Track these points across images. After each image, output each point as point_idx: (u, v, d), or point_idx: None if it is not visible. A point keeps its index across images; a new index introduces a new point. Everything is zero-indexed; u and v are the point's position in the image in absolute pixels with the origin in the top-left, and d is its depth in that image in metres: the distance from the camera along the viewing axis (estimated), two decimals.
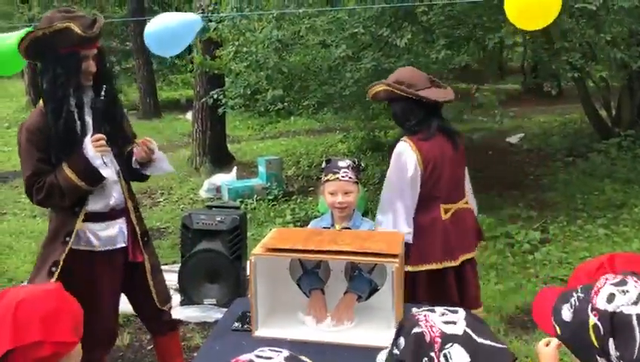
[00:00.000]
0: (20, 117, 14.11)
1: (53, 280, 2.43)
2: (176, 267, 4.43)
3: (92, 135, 2.47)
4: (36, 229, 5.89)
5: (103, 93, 2.49)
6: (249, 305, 2.44)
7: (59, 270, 2.48)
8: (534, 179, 7.12)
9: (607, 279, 1.29)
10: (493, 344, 1.16)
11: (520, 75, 16.04)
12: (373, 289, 2.36)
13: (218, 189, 6.97)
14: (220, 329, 2.37)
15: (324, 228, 2.59)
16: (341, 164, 2.51)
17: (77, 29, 2.34)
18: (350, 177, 2.48)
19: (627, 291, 1.23)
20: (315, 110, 6.78)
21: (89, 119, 2.50)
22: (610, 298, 1.24)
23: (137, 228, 2.68)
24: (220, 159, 8.25)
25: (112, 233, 2.60)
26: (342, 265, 2.42)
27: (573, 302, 1.32)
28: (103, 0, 14.62)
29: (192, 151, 8.37)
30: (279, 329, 2.26)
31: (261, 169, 7.09)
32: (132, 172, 2.70)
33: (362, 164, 2.58)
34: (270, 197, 6.80)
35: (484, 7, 4.94)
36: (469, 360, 1.11)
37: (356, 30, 5.11)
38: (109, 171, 2.50)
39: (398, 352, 1.18)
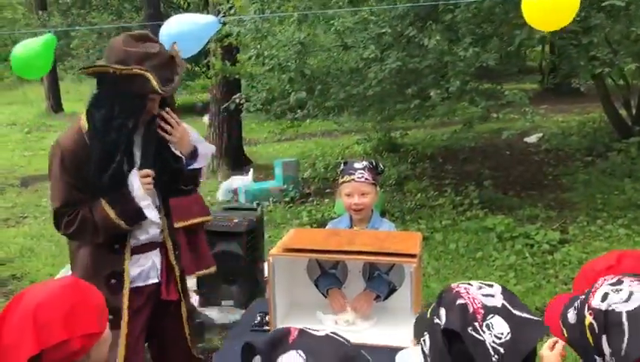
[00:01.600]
0: (40, 122, 14.36)
1: (115, 330, 1.97)
2: None
3: (139, 168, 2.14)
4: (56, 233, 5.94)
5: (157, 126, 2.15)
6: (267, 305, 2.45)
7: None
8: (553, 179, 7.05)
9: (605, 279, 1.33)
10: (529, 316, 1.23)
11: (538, 74, 15.90)
12: (392, 290, 2.36)
13: (235, 192, 7.01)
14: (239, 329, 2.39)
15: None
16: (357, 165, 2.51)
17: (153, 82, 1.97)
18: (366, 178, 2.48)
19: (621, 290, 1.28)
20: (336, 112, 6.81)
21: (137, 152, 2.16)
22: (604, 297, 1.29)
23: (176, 266, 2.32)
24: (237, 162, 8.29)
25: (145, 267, 2.25)
26: (359, 265, 2.42)
27: (576, 305, 1.37)
28: (120, 6, 14.78)
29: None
30: None
31: (277, 171, 7.11)
32: (181, 173, 2.27)
33: (381, 166, 2.56)
34: (287, 199, 6.82)
35: (512, 2, 4.90)
36: (509, 330, 1.18)
37: (383, 30, 5.10)
38: (154, 213, 2.18)
39: (440, 322, 1.24)
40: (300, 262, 2.42)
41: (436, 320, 1.25)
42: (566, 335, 1.37)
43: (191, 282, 4.38)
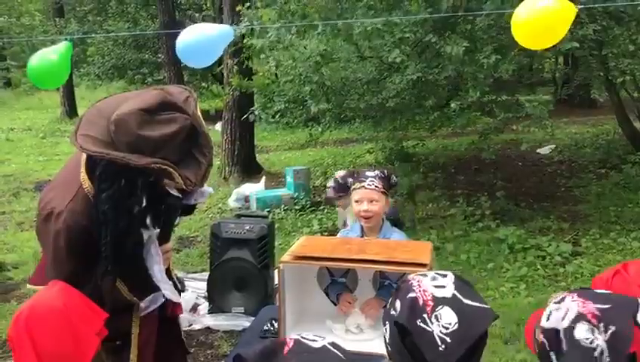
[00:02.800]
0: (55, 127, 14.53)
1: None
2: (205, 275, 4.48)
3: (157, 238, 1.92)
4: None
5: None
6: (277, 312, 2.46)
7: None
8: (566, 191, 7.00)
9: (552, 298, 1.40)
10: (478, 304, 1.29)
11: (550, 85, 15.83)
12: None
13: (246, 199, 7.03)
14: (248, 336, 2.40)
15: None
16: (369, 173, 2.52)
17: (177, 179, 1.70)
18: (376, 186, 2.48)
19: (560, 308, 1.33)
20: (351, 122, 6.87)
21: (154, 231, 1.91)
22: (549, 316, 1.34)
23: (175, 278, 2.21)
24: (249, 169, 8.33)
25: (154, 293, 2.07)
26: (370, 274, 2.42)
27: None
28: (136, 13, 14.96)
29: (221, 161, 8.47)
30: None
31: (289, 179, 7.13)
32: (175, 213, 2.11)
33: (394, 178, 2.57)
34: (297, 207, 6.83)
35: None
36: (457, 319, 1.24)
37: (407, 35, 5.11)
38: (175, 296, 2.02)
39: (395, 313, 1.30)
40: (310, 270, 2.43)
41: (392, 312, 1.33)
42: (536, 349, 1.41)
43: (201, 289, 4.41)
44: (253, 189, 7.11)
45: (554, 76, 15.29)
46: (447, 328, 1.23)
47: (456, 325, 1.23)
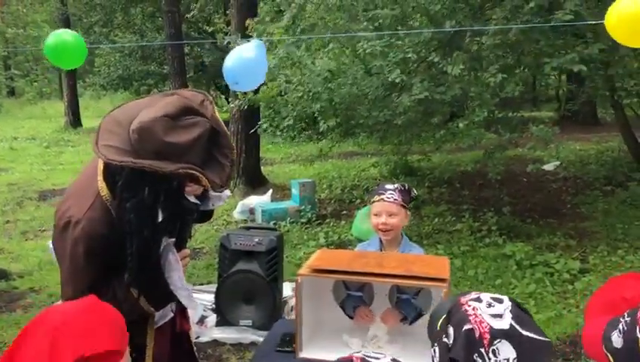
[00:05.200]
0: (59, 137, 14.57)
1: None
2: (211, 287, 4.46)
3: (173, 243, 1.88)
4: None
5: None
6: (290, 326, 2.44)
7: None
8: (572, 208, 6.99)
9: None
10: (537, 337, 1.23)
11: (554, 102, 15.89)
12: (419, 315, 2.33)
13: (252, 211, 7.02)
14: (265, 350, 2.37)
15: None
16: (388, 186, 2.51)
17: (205, 182, 1.70)
18: (395, 199, 2.47)
19: None
20: (357, 136, 6.92)
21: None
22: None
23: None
24: (254, 181, 8.32)
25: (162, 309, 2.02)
26: (386, 288, 2.40)
27: (621, 328, 1.34)
28: (143, 25, 15.04)
29: None
30: (324, 350, 2.24)
31: (295, 191, 7.12)
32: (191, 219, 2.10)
33: (414, 191, 2.56)
34: (303, 220, 6.82)
35: (540, 30, 4.92)
36: (515, 355, 1.19)
37: (409, 56, 5.15)
38: (194, 304, 1.96)
39: (448, 342, 1.25)
40: (326, 284, 2.41)
41: (444, 339, 1.27)
42: (612, 360, 1.35)
43: (207, 302, 4.38)
44: (259, 201, 7.09)
45: (557, 93, 15.38)
46: None
47: (515, 361, 1.20)
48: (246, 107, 7.09)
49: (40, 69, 22.94)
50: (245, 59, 2.87)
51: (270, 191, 7.57)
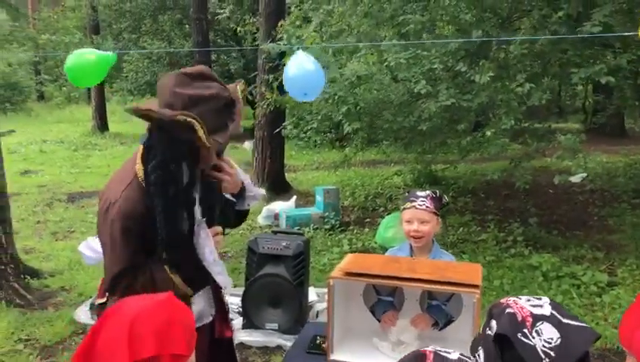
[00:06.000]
0: (87, 140, 14.83)
1: None
2: (238, 290, 4.50)
3: (204, 224, 1.90)
4: None
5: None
6: (320, 328, 2.47)
7: None
8: (599, 220, 6.91)
9: None
10: (578, 323, 1.26)
11: (580, 113, 15.71)
12: (449, 321, 2.35)
13: (276, 216, 7.07)
14: (294, 352, 2.40)
15: None
16: (420, 193, 2.53)
17: (200, 132, 1.71)
18: (427, 206, 2.49)
19: None
20: (381, 144, 6.94)
21: (198, 208, 1.93)
22: None
23: (224, 297, 2.16)
24: (278, 187, 8.39)
25: (199, 307, 2.04)
26: (417, 294, 2.42)
27: None
28: (171, 31, 15.29)
29: (251, 178, 8.53)
30: (354, 353, 2.27)
31: (319, 198, 7.16)
32: (228, 216, 2.12)
33: (445, 198, 2.58)
34: (327, 227, 6.84)
35: (570, 41, 4.90)
36: (559, 335, 1.22)
37: (435, 66, 5.18)
38: (227, 279, 1.95)
39: (491, 332, 1.29)
40: (357, 287, 2.43)
41: (488, 332, 1.31)
42: None
43: (233, 304, 4.43)
44: (284, 207, 7.15)
45: (584, 105, 15.21)
46: (549, 343, 1.22)
47: (559, 340, 1.22)
48: (272, 108, 7.17)
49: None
50: (307, 70, 2.97)
51: (294, 197, 7.62)
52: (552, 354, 1.21)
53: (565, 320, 1.26)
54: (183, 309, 1.46)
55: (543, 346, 1.21)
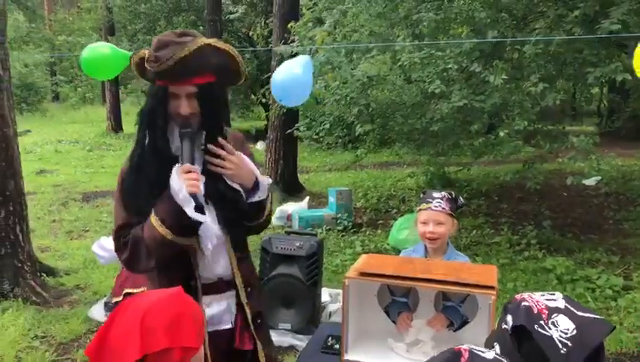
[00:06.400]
0: (101, 141, 14.97)
1: None
2: None
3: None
4: None
5: (203, 140, 1.93)
6: (335, 328, 2.47)
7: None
8: (614, 224, 6.85)
9: None
10: (593, 316, 1.28)
11: (594, 116, 15.58)
12: (464, 322, 2.34)
13: (288, 217, 7.09)
14: (309, 351, 2.41)
15: None
16: (435, 194, 2.52)
17: (147, 64, 1.83)
18: (443, 208, 2.48)
19: None
20: (393, 145, 6.92)
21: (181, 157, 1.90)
22: None
23: (247, 309, 2.04)
24: (291, 188, 8.42)
25: (218, 310, 2.02)
26: (432, 295, 2.41)
27: None
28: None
29: None
30: (368, 354, 2.27)
31: (331, 199, 7.17)
32: (240, 208, 1.98)
33: (461, 199, 2.57)
34: (339, 228, 6.85)
35: (586, 41, 4.87)
36: (574, 326, 1.24)
37: (449, 66, 5.17)
38: (199, 215, 1.83)
39: (507, 326, 1.31)
40: (371, 288, 2.43)
41: (504, 326, 1.33)
42: None
43: None
44: (296, 208, 7.16)
45: (599, 108, 15.08)
46: (565, 333, 1.24)
47: (575, 331, 1.24)
48: (285, 110, 7.20)
49: (84, 75, 23.66)
50: (293, 76, 2.94)
51: (307, 198, 7.64)
52: (569, 343, 1.23)
53: (580, 313, 1.28)
54: (192, 303, 1.49)
55: (560, 336, 1.23)
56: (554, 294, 1.34)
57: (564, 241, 6.16)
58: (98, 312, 4.44)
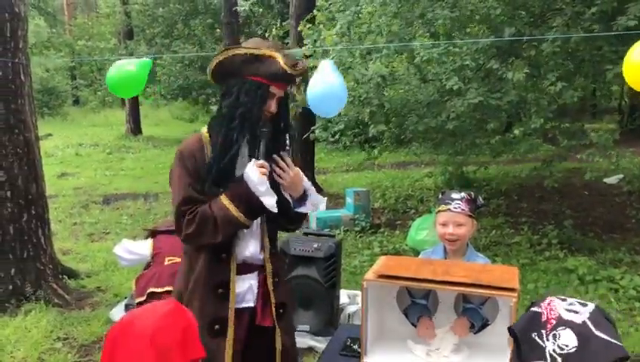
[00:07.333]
0: (120, 143, 15.13)
1: (221, 339, 2.14)
2: None
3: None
4: None
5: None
6: (354, 331, 2.47)
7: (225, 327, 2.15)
8: (637, 223, 6.73)
9: None
10: (609, 339, 1.22)
11: (615, 114, 15.33)
12: (484, 324, 2.32)
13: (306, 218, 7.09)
14: (329, 353, 2.41)
15: None
16: (455, 195, 2.50)
17: (281, 62, 2.08)
18: (462, 209, 2.46)
19: None
20: (410, 144, 6.88)
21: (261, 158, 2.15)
22: None
23: (272, 295, 2.27)
24: None
25: (242, 289, 2.24)
26: (452, 297, 2.39)
27: None
28: (203, 36, 15.50)
29: None
30: (388, 356, 2.26)
31: (349, 200, 7.16)
32: (287, 214, 2.25)
33: (480, 200, 2.54)
34: (357, 229, 6.84)
35: (605, 38, 4.81)
36: (577, 344, 1.19)
37: (466, 63, 5.13)
38: (272, 200, 2.10)
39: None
40: (390, 290, 2.42)
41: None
42: None
43: None
44: None
45: (619, 105, 14.84)
46: (562, 349, 1.20)
47: (574, 349, 1.19)
48: (302, 109, 7.21)
49: (104, 79, 23.96)
50: (329, 87, 2.96)
51: (325, 198, 7.62)
52: (558, 359, 1.19)
53: (597, 332, 1.22)
54: (188, 312, 1.50)
55: (554, 350, 1.20)
56: (585, 305, 1.28)
57: (586, 241, 6.07)
58: (119, 314, 4.48)
